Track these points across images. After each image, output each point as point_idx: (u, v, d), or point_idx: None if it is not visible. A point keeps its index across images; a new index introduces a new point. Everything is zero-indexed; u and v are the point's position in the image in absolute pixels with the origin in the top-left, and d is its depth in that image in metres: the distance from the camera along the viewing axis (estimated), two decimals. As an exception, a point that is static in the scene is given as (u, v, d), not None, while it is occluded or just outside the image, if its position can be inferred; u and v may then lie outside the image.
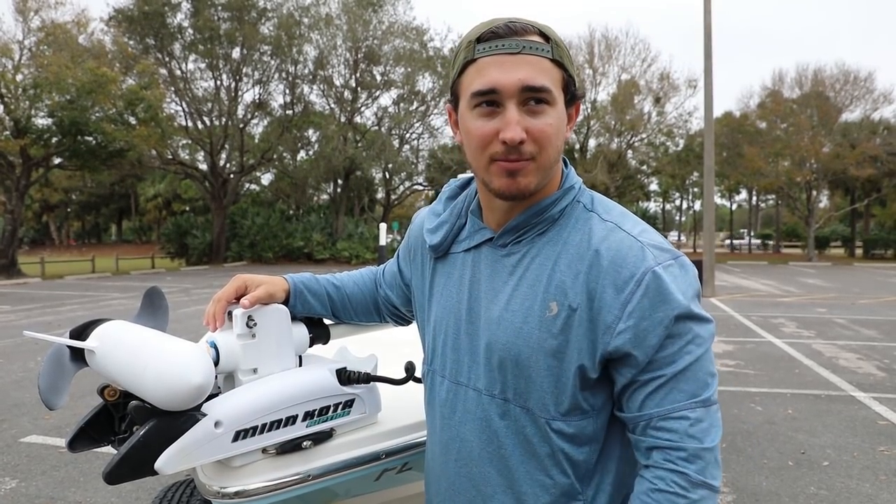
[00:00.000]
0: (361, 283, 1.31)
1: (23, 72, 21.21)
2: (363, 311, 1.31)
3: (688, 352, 0.83)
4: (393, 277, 1.26)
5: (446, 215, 1.05)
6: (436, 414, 1.04)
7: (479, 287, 0.96)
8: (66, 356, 1.12)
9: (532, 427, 0.91)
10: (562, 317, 0.87)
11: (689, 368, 0.83)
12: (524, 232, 0.94)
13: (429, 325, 1.06)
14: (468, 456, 0.97)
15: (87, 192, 50.73)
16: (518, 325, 0.89)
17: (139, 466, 0.97)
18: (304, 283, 1.23)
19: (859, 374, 6.28)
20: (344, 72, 30.75)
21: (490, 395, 0.93)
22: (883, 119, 34.24)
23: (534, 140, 0.86)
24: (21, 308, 12.49)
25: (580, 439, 0.90)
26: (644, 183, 41.41)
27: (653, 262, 0.84)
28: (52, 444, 4.25)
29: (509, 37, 0.85)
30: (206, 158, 30.78)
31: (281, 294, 1.19)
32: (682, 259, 0.87)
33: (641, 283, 0.83)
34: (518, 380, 0.90)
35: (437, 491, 1.05)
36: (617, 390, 0.88)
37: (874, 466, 3.83)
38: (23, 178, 21.76)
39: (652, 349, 0.83)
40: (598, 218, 0.91)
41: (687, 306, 0.83)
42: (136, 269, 26.26)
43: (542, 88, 0.85)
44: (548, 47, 0.86)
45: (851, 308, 12.16)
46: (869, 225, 41.36)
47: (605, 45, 33.05)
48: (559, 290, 0.88)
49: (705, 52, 15.04)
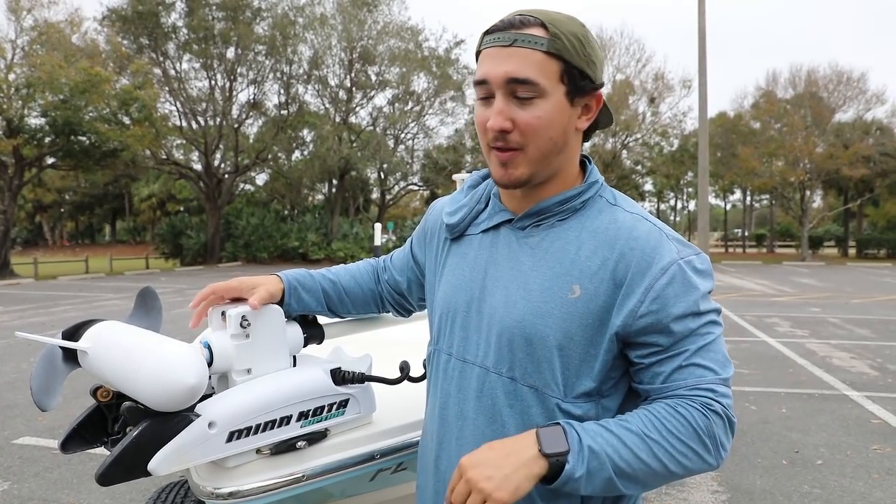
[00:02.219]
0: (359, 275, 1.31)
1: (15, 71, 21.09)
2: (361, 303, 1.31)
3: (708, 331, 0.89)
4: (404, 263, 1.26)
5: (467, 200, 1.08)
6: (437, 392, 1.04)
7: (497, 266, 0.98)
8: (58, 357, 1.11)
9: (538, 407, 0.92)
10: (584, 300, 0.89)
11: (711, 349, 0.88)
12: (546, 217, 0.96)
13: (437, 304, 1.07)
14: (471, 434, 0.97)
15: (81, 193, 50.49)
16: (536, 305, 0.91)
17: (132, 468, 0.97)
18: (298, 279, 1.23)
19: (853, 373, 6.31)
20: (339, 72, 30.71)
21: (497, 374, 0.94)
22: (876, 119, 34.42)
23: (521, 131, 0.89)
24: (14, 309, 12.42)
25: (585, 422, 0.90)
26: (639, 183, 41.49)
27: (677, 255, 0.89)
28: (44, 445, 4.23)
29: (506, 30, 0.89)
30: (201, 158, 30.67)
31: (278, 293, 1.19)
32: (702, 255, 0.92)
33: (667, 271, 0.88)
34: (528, 359, 0.92)
35: (435, 471, 1.03)
36: (639, 368, 0.90)
37: (867, 465, 3.85)
38: (16, 178, 21.62)
39: (673, 334, 0.87)
40: (622, 210, 0.95)
41: (706, 296, 0.89)
42: (131, 270, 26.15)
43: (526, 80, 0.87)
44: (544, 40, 0.88)
45: (845, 307, 12.22)
46: (862, 225, 41.57)
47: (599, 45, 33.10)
48: (584, 274, 0.90)
49: (699, 53, 15.09)
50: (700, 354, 0.87)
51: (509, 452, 0.82)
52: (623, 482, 0.83)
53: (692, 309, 0.87)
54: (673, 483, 3.58)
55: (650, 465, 0.83)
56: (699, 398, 0.86)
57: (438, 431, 1.03)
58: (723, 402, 0.86)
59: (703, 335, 0.88)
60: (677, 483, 3.58)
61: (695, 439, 0.84)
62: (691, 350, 0.87)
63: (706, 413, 0.85)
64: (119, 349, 1.05)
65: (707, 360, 0.87)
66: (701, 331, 0.88)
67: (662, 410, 0.85)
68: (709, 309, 0.89)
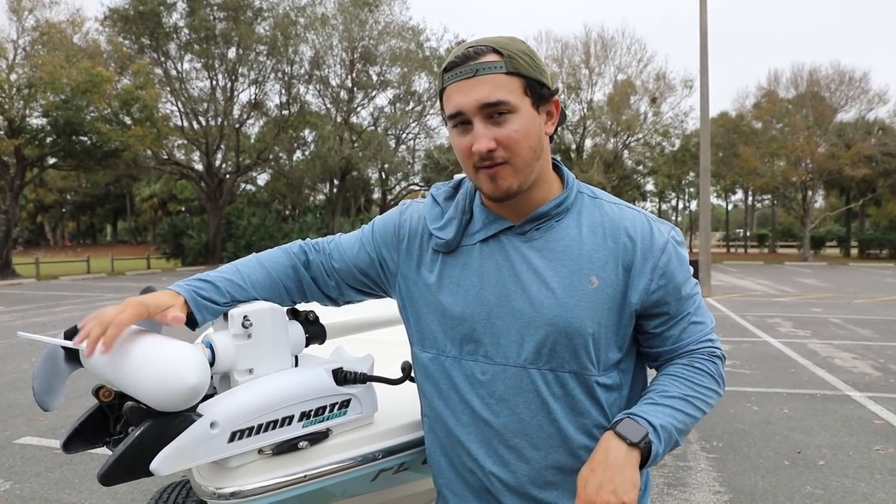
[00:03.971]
0: (276, 272, 1.20)
1: (17, 71, 21.14)
2: (276, 301, 1.20)
3: (696, 292, 1.10)
4: (354, 260, 1.20)
5: (452, 212, 1.12)
6: (452, 396, 1.09)
7: (511, 271, 1.05)
8: (60, 357, 1.11)
9: (579, 388, 1.04)
10: (603, 288, 1.02)
11: (700, 305, 1.10)
12: (546, 220, 1.06)
13: (441, 315, 1.09)
14: (516, 427, 1.05)
15: (82, 193, 50.55)
16: (562, 301, 1.01)
17: (135, 468, 0.97)
18: (198, 292, 1.11)
19: (855, 374, 6.30)
20: (340, 72, 30.73)
21: (536, 368, 1.03)
22: (878, 119, 34.41)
23: (504, 147, 0.98)
24: (15, 309, 12.44)
25: (614, 388, 1.07)
26: (640, 183, 41.50)
27: (668, 234, 1.06)
28: (46, 445, 4.23)
29: (464, 63, 0.98)
30: (202, 159, 30.70)
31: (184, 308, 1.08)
32: (677, 228, 1.10)
33: (665, 250, 1.04)
34: (566, 350, 1.02)
35: (470, 468, 1.09)
36: (653, 333, 1.08)
37: (869, 465, 3.84)
38: (17, 178, 21.66)
39: (679, 300, 1.06)
40: (606, 203, 1.09)
41: (688, 261, 1.09)
42: (132, 270, 26.19)
43: (498, 102, 0.97)
44: (501, 63, 0.97)
45: (847, 308, 12.21)
46: (864, 225, 41.53)
47: (601, 46, 33.08)
48: (596, 265, 1.02)
49: (701, 53, 15.07)
50: (696, 314, 1.09)
51: (607, 463, 0.95)
52: (682, 437, 1.03)
53: (688, 275, 1.07)
54: (674, 484, 3.58)
55: (696, 416, 1.04)
56: (705, 349, 1.08)
57: (476, 432, 1.08)
58: (717, 345, 1.10)
59: (693, 297, 1.08)
60: (679, 484, 3.58)
61: (714, 383, 1.08)
62: (690, 312, 1.08)
63: (713, 360, 1.08)
64: (121, 349, 1.05)
65: (699, 316, 1.09)
66: (692, 292, 1.08)
67: (686, 371, 1.06)
68: (693, 272, 1.09)
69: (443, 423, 1.12)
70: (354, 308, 1.45)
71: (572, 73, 33.18)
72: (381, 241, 1.20)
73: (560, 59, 33.13)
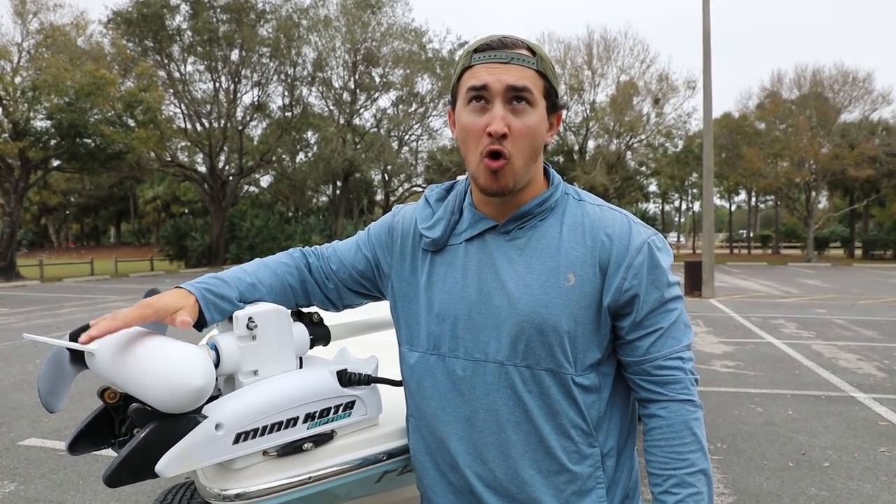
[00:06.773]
0: (281, 271, 1.22)
1: (21, 74, 21.22)
2: (282, 302, 1.21)
3: (675, 307, 1.05)
4: (352, 263, 1.23)
5: (441, 212, 1.15)
6: (435, 394, 1.10)
7: (493, 269, 1.06)
8: (65, 359, 1.11)
9: (556, 386, 1.04)
10: (579, 285, 1.02)
11: (677, 320, 1.05)
12: (528, 219, 1.07)
13: (427, 314, 1.11)
14: (495, 425, 1.06)
15: (86, 195, 50.72)
16: (538, 297, 1.02)
17: (140, 469, 0.97)
18: (210, 290, 1.12)
19: (859, 375, 6.28)
20: (343, 74, 30.78)
21: (513, 365, 1.04)
22: (882, 119, 34.29)
23: (513, 138, 1.00)
24: (20, 311, 12.48)
25: (592, 389, 1.06)
26: (643, 184, 41.45)
27: (646, 236, 1.05)
28: (51, 447, 4.24)
29: (501, 49, 1.01)
30: (205, 160, 30.78)
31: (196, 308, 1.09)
32: (660, 234, 1.09)
33: (640, 250, 1.03)
34: (541, 347, 1.02)
35: (453, 470, 1.10)
36: (625, 340, 1.05)
37: (875, 467, 3.83)
38: (21, 180, 21.74)
39: (650, 304, 1.03)
40: (589, 204, 1.10)
41: (669, 272, 1.05)
42: (135, 272, 26.25)
43: (524, 88, 0.99)
44: (534, 60, 1.01)
45: (851, 309, 12.17)
46: (868, 225, 41.40)
47: (603, 47, 33.11)
48: (573, 263, 1.03)
49: (704, 54, 15.06)
50: (670, 330, 1.04)
51: None
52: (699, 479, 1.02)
53: (664, 283, 1.04)
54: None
55: (707, 470, 1.03)
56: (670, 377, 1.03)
57: (458, 431, 1.08)
58: (687, 365, 1.05)
59: (670, 311, 1.04)
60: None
61: (698, 427, 1.04)
62: (664, 327, 1.04)
63: (685, 403, 1.03)
64: (126, 351, 1.05)
65: (675, 332, 1.04)
66: (670, 306, 1.04)
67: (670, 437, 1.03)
68: (674, 281, 1.06)
69: (427, 423, 1.13)
70: (359, 309, 1.45)
71: (575, 75, 33.19)
72: (376, 244, 1.23)
73: (563, 60, 33.14)
